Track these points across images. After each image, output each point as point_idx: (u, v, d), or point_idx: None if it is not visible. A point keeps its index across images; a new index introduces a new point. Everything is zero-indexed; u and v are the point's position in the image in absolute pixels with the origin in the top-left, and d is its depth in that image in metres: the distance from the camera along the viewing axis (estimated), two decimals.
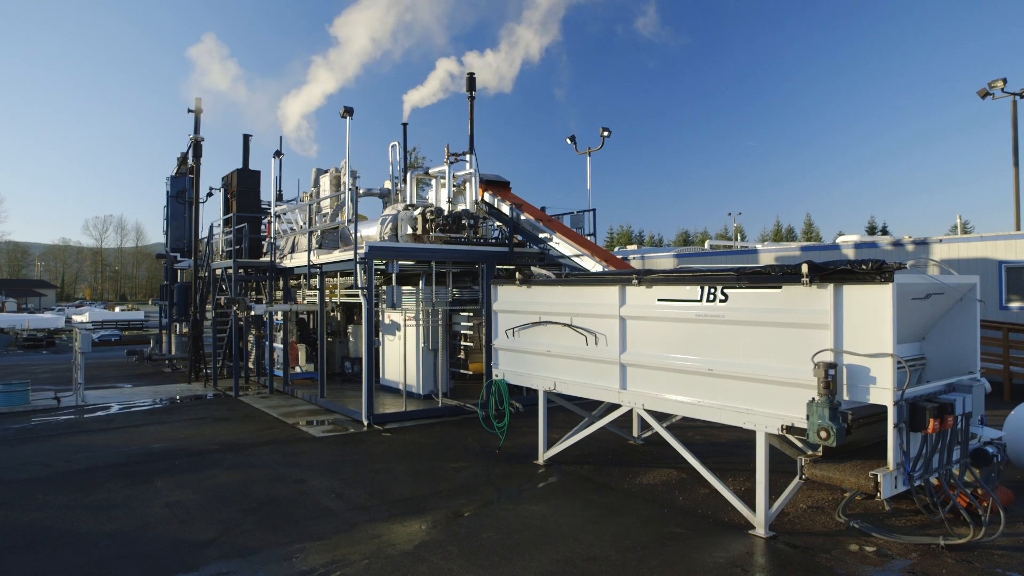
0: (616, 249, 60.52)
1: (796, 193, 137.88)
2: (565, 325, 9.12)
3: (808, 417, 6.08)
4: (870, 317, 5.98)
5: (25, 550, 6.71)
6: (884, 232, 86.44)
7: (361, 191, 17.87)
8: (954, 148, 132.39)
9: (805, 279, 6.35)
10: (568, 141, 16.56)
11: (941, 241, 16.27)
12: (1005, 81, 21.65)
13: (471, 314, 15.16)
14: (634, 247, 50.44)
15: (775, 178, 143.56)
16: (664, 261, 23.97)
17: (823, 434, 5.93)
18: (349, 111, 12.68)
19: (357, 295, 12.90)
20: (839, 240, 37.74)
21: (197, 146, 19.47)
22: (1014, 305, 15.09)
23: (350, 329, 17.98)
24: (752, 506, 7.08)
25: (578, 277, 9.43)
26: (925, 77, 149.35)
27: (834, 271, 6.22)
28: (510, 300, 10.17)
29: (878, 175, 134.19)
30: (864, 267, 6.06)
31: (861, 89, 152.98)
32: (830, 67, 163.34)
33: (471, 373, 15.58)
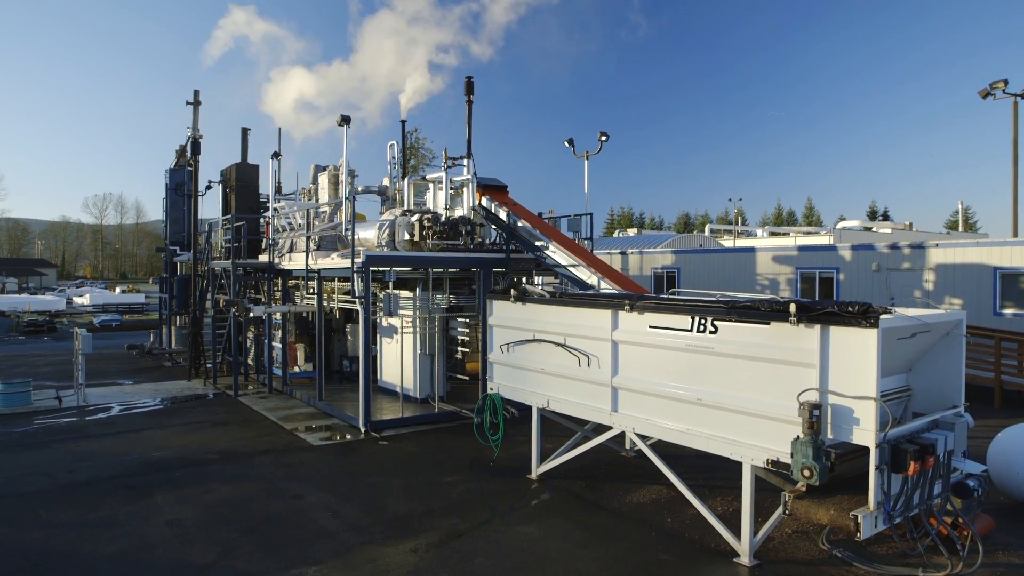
0: (616, 233, 60.57)
1: (797, 176, 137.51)
2: (559, 345, 9.23)
3: (792, 455, 6.21)
4: (855, 359, 6.08)
5: (27, 574, 6.89)
6: (885, 217, 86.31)
7: (360, 189, 17.88)
8: (957, 134, 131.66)
9: (793, 318, 6.46)
10: (566, 144, 16.52)
11: (937, 245, 16.30)
12: (1006, 82, 21.54)
13: (468, 319, 15.25)
14: (634, 231, 50.48)
15: (776, 160, 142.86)
16: (662, 257, 24.01)
17: (807, 472, 6.07)
18: (346, 120, 12.69)
19: (355, 301, 12.97)
20: (839, 228, 37.59)
21: (195, 143, 19.40)
22: (1008, 312, 15.19)
23: (348, 328, 18.08)
24: (738, 533, 7.25)
25: (572, 298, 9.50)
26: (930, 62, 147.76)
27: (821, 312, 6.31)
28: (505, 316, 10.26)
29: (880, 159, 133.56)
30: (851, 309, 6.15)
31: (864, 72, 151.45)
32: (833, 49, 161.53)
33: (467, 378, 15.71)
